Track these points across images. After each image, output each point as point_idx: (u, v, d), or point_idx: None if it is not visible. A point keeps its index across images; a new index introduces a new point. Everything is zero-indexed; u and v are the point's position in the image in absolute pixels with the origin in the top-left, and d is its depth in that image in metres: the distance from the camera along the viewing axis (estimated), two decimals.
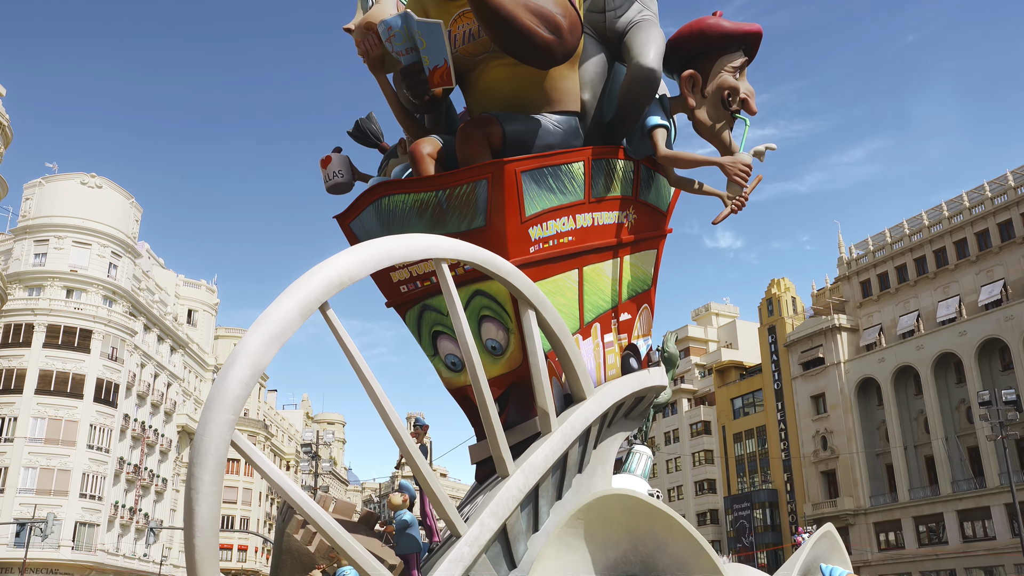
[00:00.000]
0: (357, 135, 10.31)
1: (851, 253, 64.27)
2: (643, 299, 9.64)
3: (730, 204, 9.08)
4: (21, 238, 57.13)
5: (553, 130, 8.32)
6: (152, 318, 63.62)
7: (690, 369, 77.20)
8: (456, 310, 6.83)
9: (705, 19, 9.12)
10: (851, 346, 62.04)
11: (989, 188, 55.16)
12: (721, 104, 8.98)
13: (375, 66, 8.89)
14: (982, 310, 53.54)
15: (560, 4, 7.63)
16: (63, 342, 54.80)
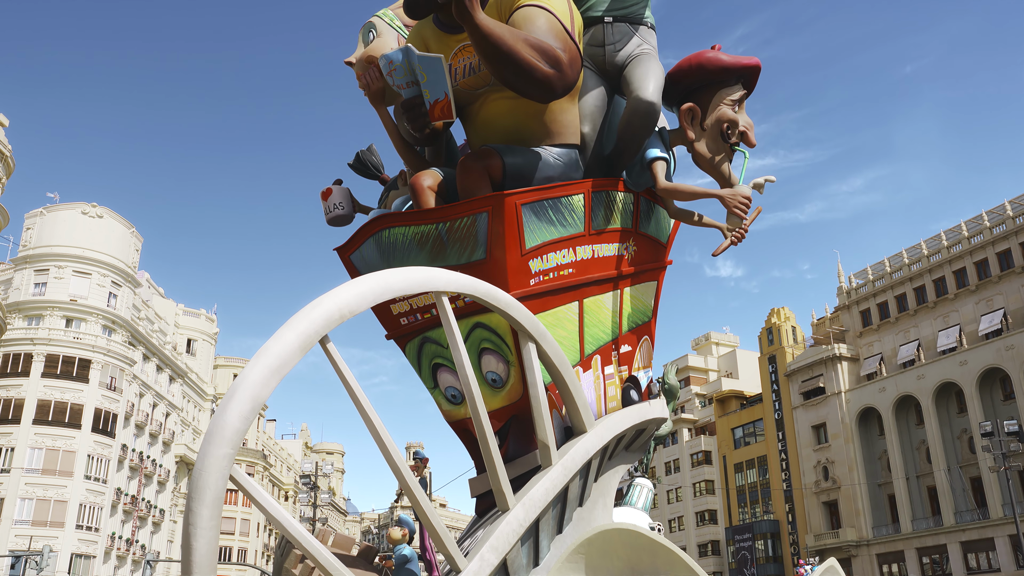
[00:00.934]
0: (358, 167, 10.35)
1: (851, 282, 64.34)
2: (644, 331, 9.63)
3: (730, 236, 9.10)
4: (21, 268, 57.21)
5: (553, 163, 8.36)
6: (151, 347, 63.53)
7: (690, 399, 76.97)
8: (456, 343, 6.81)
9: (704, 53, 9.20)
10: (852, 375, 61.90)
11: (988, 218, 55.35)
12: (720, 137, 9.03)
13: (376, 99, 8.95)
14: (982, 339, 53.48)
15: (560, 38, 7.70)
16: (62, 372, 54.72)
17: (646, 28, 9.26)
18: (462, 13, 7.17)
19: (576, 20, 8.19)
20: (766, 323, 69.05)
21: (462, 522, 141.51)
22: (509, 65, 7.35)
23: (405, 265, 8.08)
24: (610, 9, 9.07)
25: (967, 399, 52.69)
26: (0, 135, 50.48)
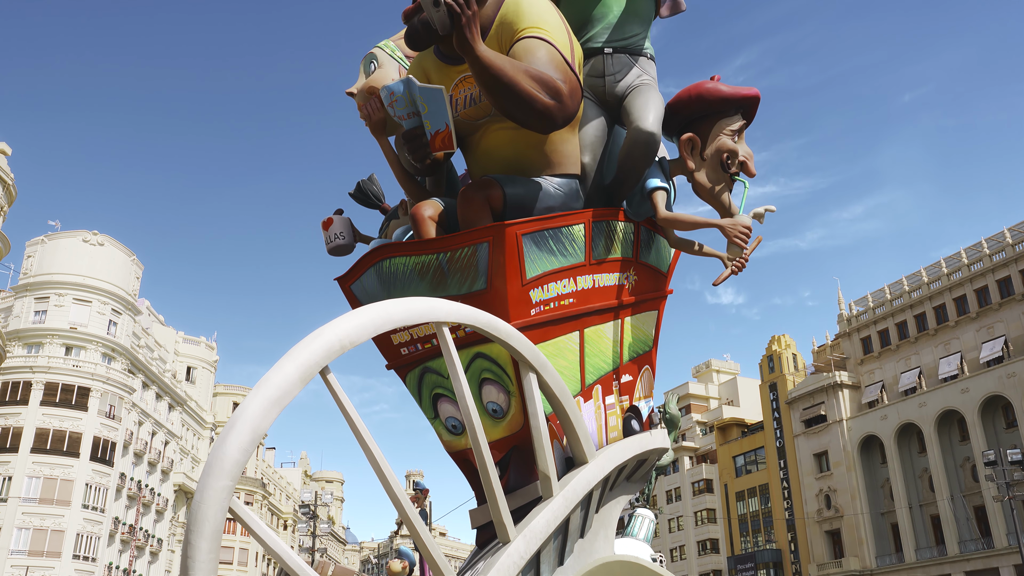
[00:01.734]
0: (358, 196, 10.38)
1: (851, 310, 64.36)
2: (644, 360, 9.61)
3: (730, 265, 9.11)
4: (22, 295, 57.27)
5: (554, 193, 8.38)
6: (151, 375, 63.44)
7: (691, 427, 76.73)
8: (457, 373, 6.79)
9: (703, 83, 9.25)
10: (853, 403, 61.73)
11: (987, 245, 55.49)
12: (720, 166, 9.07)
13: (377, 129, 9.00)
14: (984, 367, 53.39)
15: (560, 69, 7.74)
16: (61, 400, 54.62)
17: (646, 59, 9.33)
18: (463, 45, 7.22)
19: (576, 51, 8.24)
20: (767, 350, 68.91)
21: (463, 551, 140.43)
22: (510, 96, 7.39)
23: (406, 295, 8.08)
24: (610, 40, 9.13)
25: (969, 427, 52.47)
26: (2, 163, 50.70)
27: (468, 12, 7.14)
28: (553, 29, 7.97)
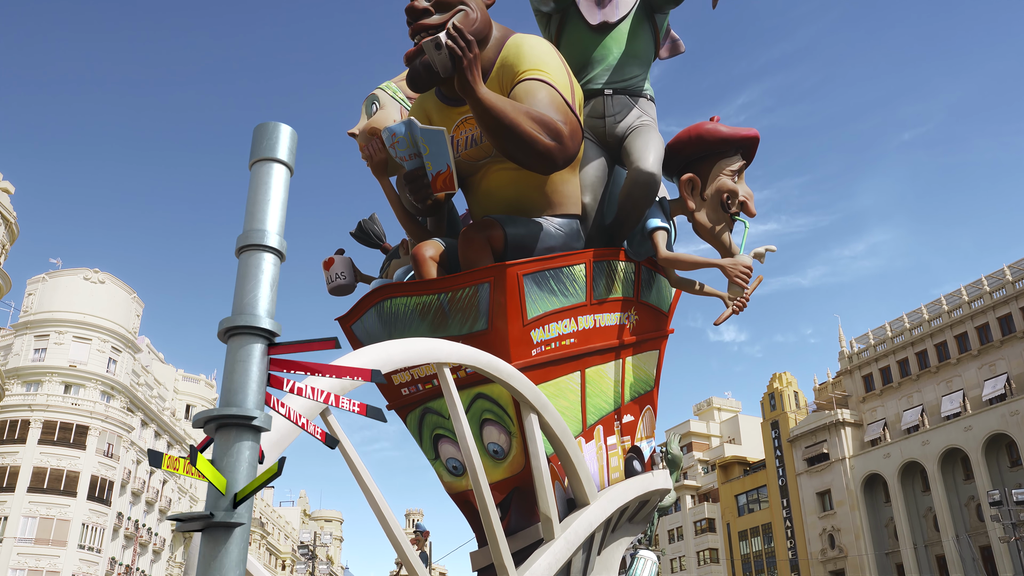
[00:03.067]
0: (360, 236, 10.41)
1: (852, 347, 64.20)
2: (646, 400, 9.57)
3: (731, 305, 9.11)
4: (22, 333, 57.17)
5: (555, 233, 8.40)
6: (150, 413, 63.15)
7: (693, 465, 76.21)
8: (457, 413, 6.76)
9: (703, 124, 9.32)
10: (855, 441, 61.38)
11: (987, 282, 55.49)
12: (720, 207, 9.10)
13: (378, 170, 9.05)
14: (986, 405, 53.16)
15: (561, 111, 7.80)
16: (59, 438, 54.26)
17: (646, 100, 9.41)
18: (464, 87, 7.28)
19: (576, 92, 8.31)
20: (768, 388, 68.69)
21: None
22: (511, 138, 7.44)
23: (406, 335, 8.07)
24: (610, 82, 9.22)
25: (973, 466, 52.12)
26: (5, 202, 50.94)
27: (470, 55, 7.21)
28: (554, 71, 8.05)
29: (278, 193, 3.51)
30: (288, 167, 3.57)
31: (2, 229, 50.30)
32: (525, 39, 8.30)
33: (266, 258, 3.44)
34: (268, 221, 3.46)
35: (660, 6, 9.48)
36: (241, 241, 3.46)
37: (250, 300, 3.36)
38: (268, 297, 3.39)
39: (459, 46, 7.16)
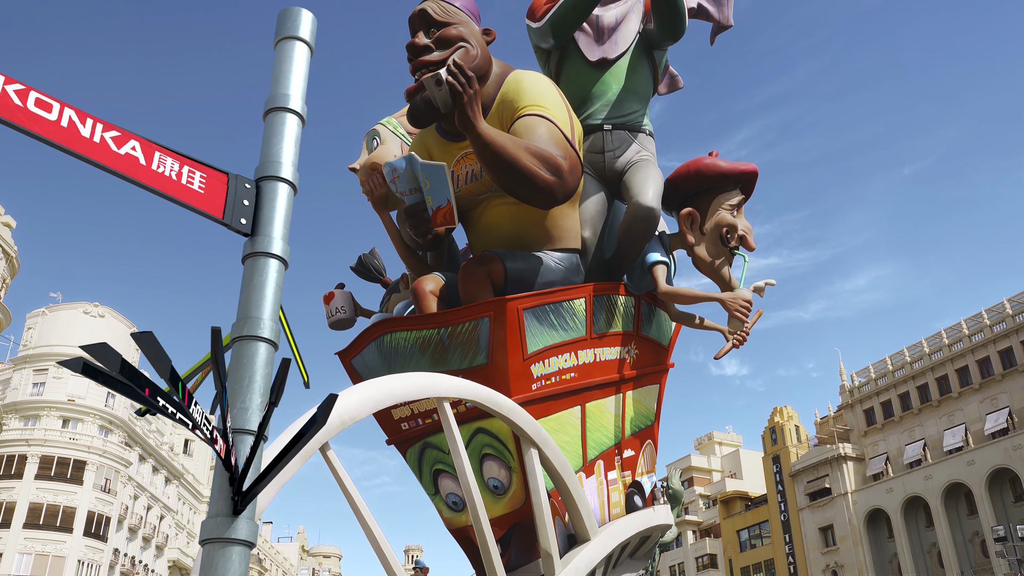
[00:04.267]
0: (360, 270, 10.43)
1: (853, 381, 64.01)
2: (646, 435, 9.53)
3: (731, 339, 9.10)
4: (20, 368, 57.03)
5: (554, 267, 8.42)
6: (148, 448, 62.81)
7: (694, 500, 75.65)
8: (458, 448, 6.73)
9: (702, 159, 9.37)
10: (858, 476, 60.98)
11: (987, 316, 55.47)
12: (720, 241, 9.13)
13: (379, 205, 9.08)
14: (989, 439, 52.90)
15: (561, 146, 7.84)
16: (56, 473, 53.89)
17: (645, 135, 9.48)
18: (464, 122, 7.33)
19: (576, 128, 8.36)
20: (769, 422, 68.39)
21: None
22: (511, 173, 7.47)
23: (407, 370, 8.06)
24: (609, 117, 9.29)
25: (977, 500, 51.73)
26: (7, 236, 51.09)
27: (470, 91, 7.27)
28: (553, 107, 8.11)
29: (291, 136, 3.77)
30: (309, 46, 3.91)
31: (3, 263, 50.39)
32: (525, 75, 8.38)
33: (261, 348, 3.44)
34: (283, 153, 3.69)
35: (659, 43, 9.58)
36: (247, 249, 3.59)
37: (256, 304, 3.48)
38: (272, 301, 3.50)
39: (459, 82, 7.22)
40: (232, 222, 3.49)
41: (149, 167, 3.35)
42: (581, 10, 9.03)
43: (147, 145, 3.39)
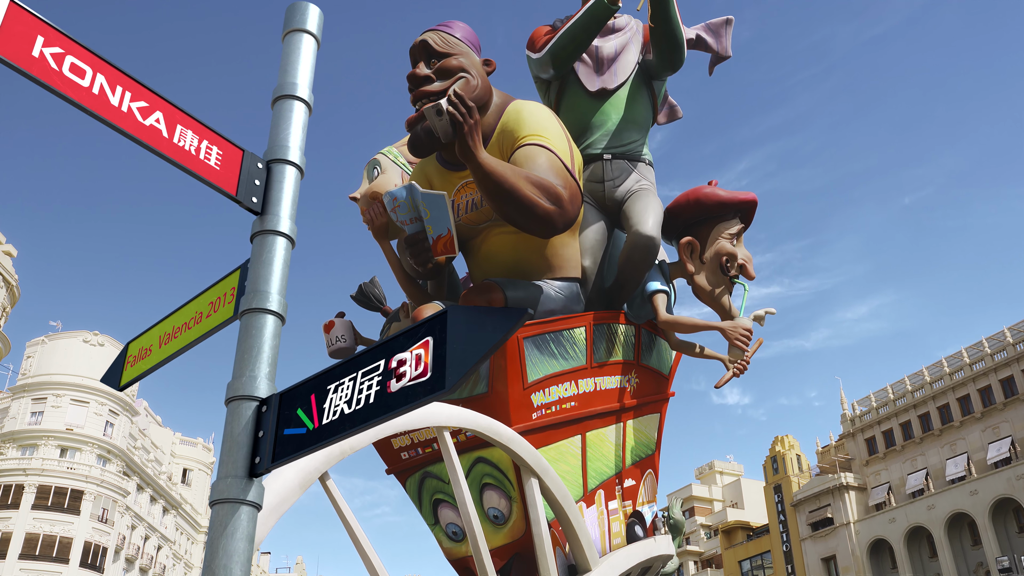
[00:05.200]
0: (360, 299, 10.44)
1: (854, 409, 63.82)
2: (647, 464, 9.49)
3: (732, 368, 9.09)
4: (19, 396, 56.86)
5: (555, 296, 8.42)
6: (146, 478, 62.46)
7: (695, 530, 75.11)
8: (458, 478, 6.70)
9: (701, 188, 9.42)
10: (860, 505, 60.60)
11: (988, 344, 55.39)
12: (720, 269, 9.15)
13: (379, 234, 9.10)
14: (992, 468, 52.64)
15: (560, 175, 7.87)
16: (53, 503, 53.55)
17: (644, 164, 9.52)
18: (465, 152, 7.37)
19: (576, 157, 8.41)
20: (770, 451, 68.08)
21: None
22: (511, 202, 7.50)
23: None
24: (609, 147, 9.35)
25: (980, 531, 51.35)
26: (8, 265, 51.18)
27: (470, 121, 7.31)
28: (553, 137, 8.16)
29: (299, 121, 3.92)
30: (316, 39, 4.09)
31: (3, 292, 50.44)
32: (525, 105, 8.44)
33: (269, 320, 3.49)
34: (291, 137, 3.84)
35: (658, 73, 9.66)
36: (256, 227, 3.68)
37: (264, 279, 3.58)
38: (280, 277, 3.61)
39: (460, 112, 7.27)
40: (244, 199, 3.63)
41: (171, 140, 3.50)
42: (580, 41, 9.11)
43: (171, 115, 3.56)
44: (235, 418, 3.28)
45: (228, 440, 3.27)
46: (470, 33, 8.58)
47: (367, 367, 2.98)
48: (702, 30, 10.14)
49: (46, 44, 3.14)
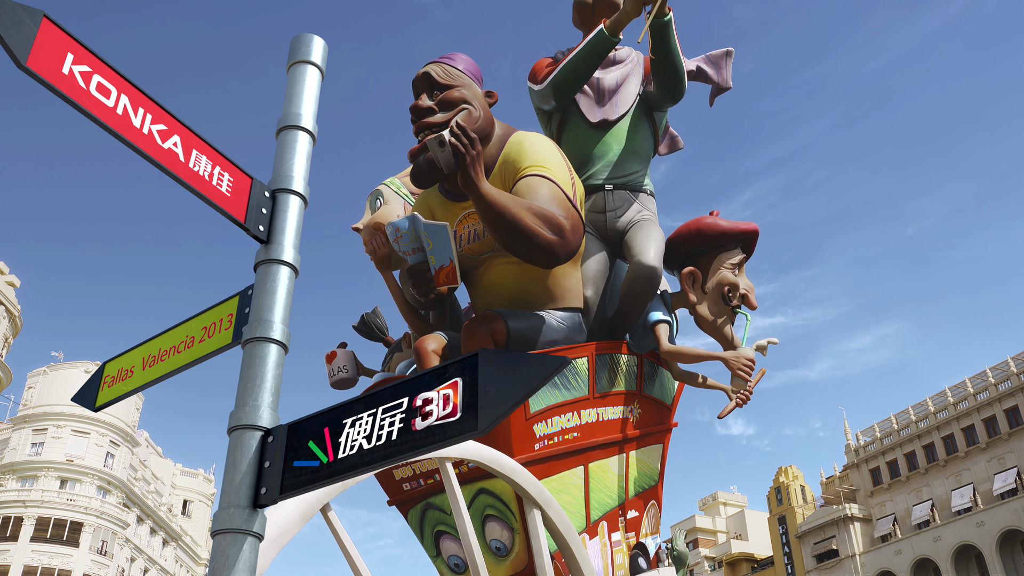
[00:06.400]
0: (362, 329, 10.44)
1: (858, 440, 63.46)
2: (651, 495, 9.43)
3: (735, 398, 9.07)
4: (20, 427, 56.69)
5: (557, 326, 8.42)
6: (146, 509, 62.05)
7: (699, 562, 74.40)
8: (460, 510, 6.66)
9: (703, 219, 9.44)
10: (865, 537, 60.07)
11: (992, 374, 55.17)
12: (722, 299, 9.15)
13: (382, 264, 9.12)
14: (998, 499, 52.20)
15: (562, 206, 7.90)
16: (52, 535, 53.20)
17: (646, 195, 9.56)
18: (467, 183, 7.40)
19: (578, 188, 8.44)
20: (774, 482, 67.64)
21: None
22: (513, 233, 7.52)
23: None
24: (610, 177, 9.40)
25: (988, 563, 50.87)
26: (11, 295, 51.28)
27: (472, 152, 7.35)
28: (555, 167, 8.20)
29: (303, 152, 3.97)
30: (320, 70, 4.13)
31: (5, 322, 50.48)
32: (527, 136, 8.49)
33: (272, 349, 3.49)
34: (295, 167, 3.89)
35: (659, 104, 9.73)
36: (261, 255, 3.71)
37: (268, 308, 3.58)
38: (284, 306, 3.61)
39: (462, 143, 7.31)
40: (252, 227, 3.68)
41: (187, 164, 3.56)
42: (582, 73, 9.19)
43: (187, 139, 3.62)
44: (238, 447, 3.27)
45: (231, 470, 3.25)
46: (472, 65, 8.65)
47: (388, 404, 2.99)
48: (702, 62, 10.22)
49: (75, 62, 3.19)
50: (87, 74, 3.22)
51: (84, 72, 3.21)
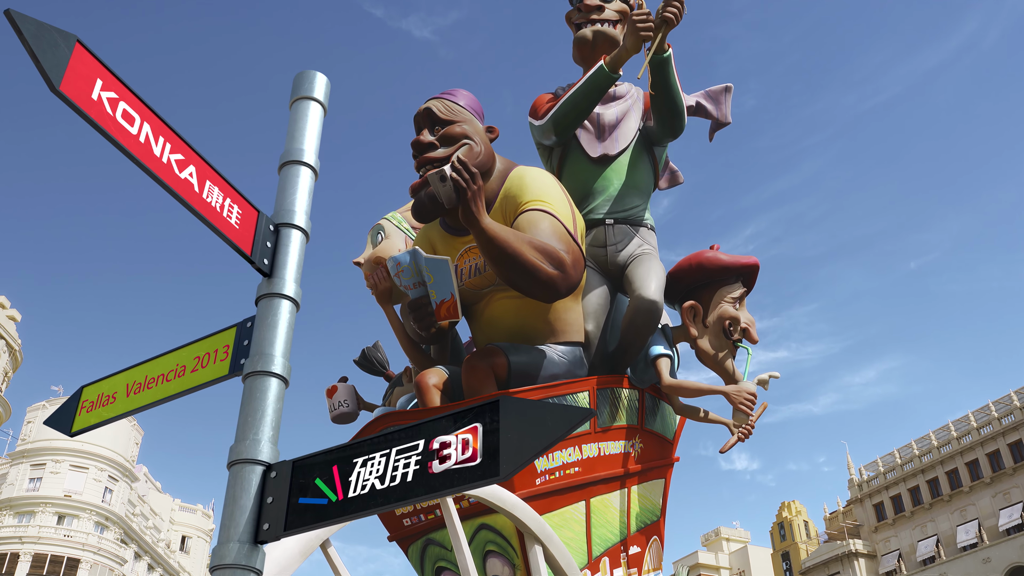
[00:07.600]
0: (363, 364, 10.43)
1: (861, 475, 63.02)
2: (652, 530, 9.36)
3: (737, 432, 9.04)
4: (18, 462, 56.39)
5: (558, 360, 8.41)
6: (144, 545, 61.53)
7: None
8: (461, 546, 6.61)
9: (703, 253, 9.47)
10: (870, 573, 59.44)
11: (995, 408, 54.97)
12: (723, 333, 9.15)
13: (383, 299, 9.13)
14: (1004, 535, 51.73)
15: (563, 240, 7.93)
16: (48, 572, 52.69)
17: (647, 229, 9.60)
18: (468, 218, 7.44)
19: (578, 222, 8.48)
20: (777, 517, 67.10)
21: None
22: (514, 267, 7.54)
23: None
24: (611, 212, 9.44)
25: None
26: (11, 329, 51.26)
27: (474, 187, 7.39)
28: (556, 202, 8.24)
29: (305, 187, 4.03)
30: (323, 106, 4.18)
31: (6, 356, 50.42)
32: (528, 171, 8.55)
33: (273, 383, 3.49)
34: (297, 202, 3.94)
35: (659, 139, 9.80)
36: (263, 289, 3.73)
37: (269, 342, 3.59)
38: (285, 340, 3.62)
39: (463, 178, 7.35)
40: (257, 260, 3.72)
41: (200, 195, 3.62)
42: (582, 108, 9.26)
43: (202, 170, 3.69)
44: (238, 482, 3.25)
45: (231, 504, 3.24)
46: (473, 101, 8.73)
47: (402, 445, 2.99)
48: (702, 97, 10.31)
49: (104, 88, 3.23)
50: (114, 101, 3.27)
51: (111, 99, 3.25)
